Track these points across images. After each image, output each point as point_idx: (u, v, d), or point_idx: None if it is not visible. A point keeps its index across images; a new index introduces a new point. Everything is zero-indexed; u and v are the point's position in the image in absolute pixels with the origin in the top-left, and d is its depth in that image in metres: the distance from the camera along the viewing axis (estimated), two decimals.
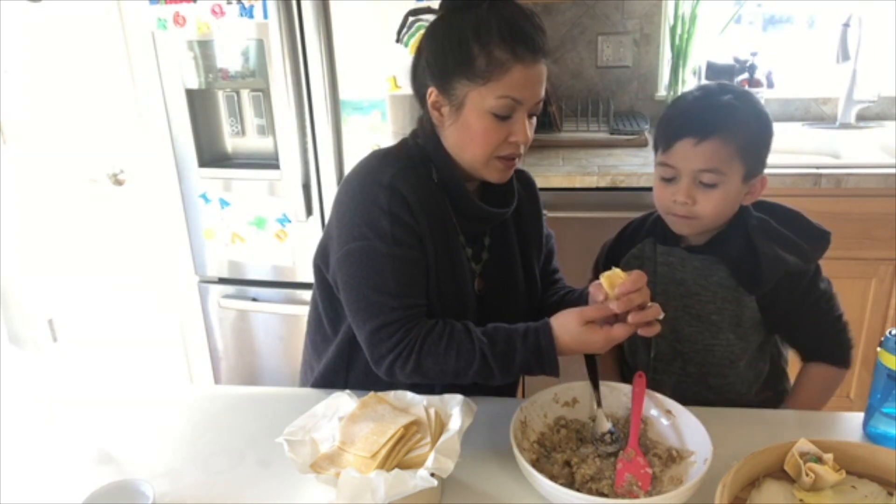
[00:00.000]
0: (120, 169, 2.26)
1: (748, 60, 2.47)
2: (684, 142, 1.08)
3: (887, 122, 2.49)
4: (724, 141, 1.07)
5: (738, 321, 1.17)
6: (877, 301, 2.06)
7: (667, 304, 1.14)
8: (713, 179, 1.08)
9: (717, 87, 1.14)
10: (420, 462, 0.88)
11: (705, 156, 1.07)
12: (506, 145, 1.08)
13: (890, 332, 0.98)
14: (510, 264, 1.23)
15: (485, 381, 1.06)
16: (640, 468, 0.94)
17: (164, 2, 1.93)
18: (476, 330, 1.06)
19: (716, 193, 1.09)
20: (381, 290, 1.07)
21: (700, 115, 1.10)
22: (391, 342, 1.06)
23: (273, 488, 0.98)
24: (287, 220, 2.09)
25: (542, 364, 1.03)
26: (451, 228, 1.14)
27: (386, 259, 1.07)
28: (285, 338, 2.22)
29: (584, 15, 2.59)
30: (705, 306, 1.18)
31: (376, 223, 1.07)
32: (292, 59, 1.90)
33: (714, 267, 1.17)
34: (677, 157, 1.10)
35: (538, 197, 1.31)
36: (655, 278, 1.20)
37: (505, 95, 1.03)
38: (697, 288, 1.18)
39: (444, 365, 1.05)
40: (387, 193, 1.07)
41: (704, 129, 1.07)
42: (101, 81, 2.23)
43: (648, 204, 2.10)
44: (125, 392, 1.25)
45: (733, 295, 1.16)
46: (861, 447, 0.95)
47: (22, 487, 1.01)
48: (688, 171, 1.09)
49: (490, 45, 1.01)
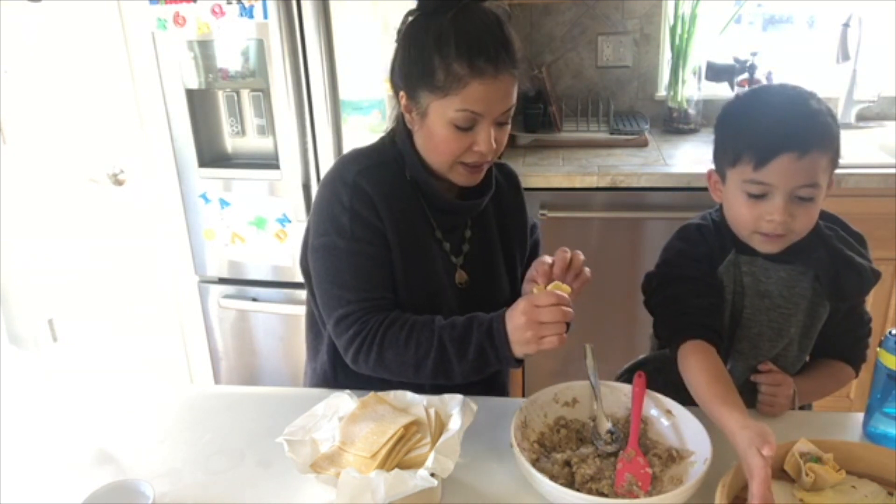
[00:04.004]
0: (120, 169, 2.25)
1: (748, 60, 2.47)
2: (785, 157, 0.98)
3: (887, 122, 2.49)
4: (822, 152, 0.99)
5: (807, 332, 1.13)
6: (877, 301, 2.06)
7: (753, 319, 1.12)
8: (811, 193, 1.00)
9: (794, 92, 1.04)
10: (420, 462, 0.88)
11: (807, 171, 0.99)
12: (469, 153, 1.08)
13: (890, 332, 0.98)
14: (492, 255, 1.24)
15: (445, 374, 1.05)
16: (640, 468, 0.94)
17: (164, 2, 1.93)
18: (440, 319, 1.07)
19: (812, 207, 1.02)
20: (339, 285, 1.11)
21: (798, 126, 1.00)
22: (350, 333, 1.09)
23: (273, 488, 0.98)
24: (287, 220, 2.09)
25: (494, 347, 1.02)
26: (425, 224, 1.16)
27: (344, 254, 1.11)
28: (285, 338, 2.22)
29: (584, 15, 2.59)
30: (788, 319, 1.11)
31: (338, 220, 1.11)
32: (292, 59, 1.90)
33: (798, 277, 1.10)
34: (775, 174, 0.99)
35: (520, 188, 1.31)
36: (744, 290, 1.11)
37: (464, 109, 1.03)
38: (781, 300, 1.10)
39: (404, 356, 1.06)
40: (349, 191, 1.11)
41: (806, 142, 0.98)
42: (101, 81, 2.23)
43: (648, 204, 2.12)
44: (125, 392, 1.25)
45: (810, 305, 1.11)
46: (861, 447, 0.95)
47: (22, 487, 1.01)
48: (786, 188, 1.00)
49: (449, 58, 1.02)
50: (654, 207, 2.11)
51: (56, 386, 1.26)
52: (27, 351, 2.11)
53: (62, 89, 2.13)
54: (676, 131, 2.52)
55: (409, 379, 1.07)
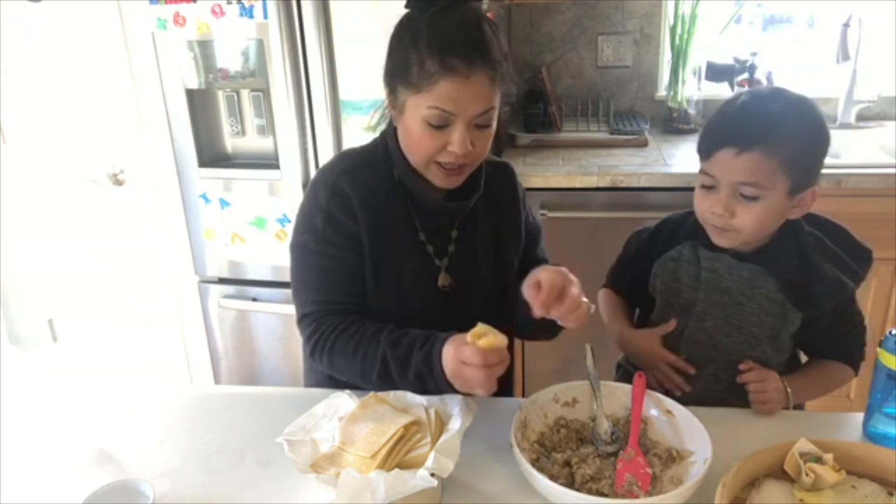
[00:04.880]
0: (120, 169, 2.25)
1: (748, 60, 2.47)
2: (724, 151, 1.02)
3: (887, 122, 2.49)
4: (766, 154, 1.00)
5: (777, 334, 1.14)
6: (877, 301, 2.05)
7: (708, 313, 1.15)
8: (754, 193, 1.02)
9: (768, 94, 1.07)
10: (420, 462, 0.88)
11: (746, 168, 1.01)
12: (444, 153, 1.07)
13: (890, 332, 0.98)
14: (479, 256, 1.23)
15: (390, 386, 1.05)
16: (640, 468, 0.94)
17: (164, 2, 1.93)
18: (389, 333, 1.07)
19: (756, 207, 1.03)
20: (305, 284, 1.16)
21: (743, 123, 1.03)
22: (307, 332, 1.14)
23: (273, 488, 0.98)
24: (287, 220, 2.09)
25: (432, 374, 1.01)
26: (407, 226, 1.16)
27: (314, 255, 1.14)
28: (285, 338, 2.22)
29: (584, 15, 2.59)
30: (748, 318, 1.14)
31: (313, 221, 1.14)
32: (292, 59, 1.90)
33: (763, 279, 1.12)
34: (716, 166, 1.04)
35: (517, 186, 1.29)
36: (698, 284, 1.16)
37: (434, 106, 1.03)
38: (742, 298, 1.13)
39: (352, 364, 1.09)
40: (327, 193, 1.13)
41: (746, 139, 1.01)
42: (101, 81, 2.23)
43: (648, 204, 2.12)
44: (125, 392, 1.25)
45: (779, 309, 1.12)
46: (861, 447, 0.95)
47: (22, 487, 1.01)
48: (727, 182, 1.03)
49: (422, 55, 1.02)
50: (654, 207, 2.11)
51: (56, 386, 1.26)
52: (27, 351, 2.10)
53: (62, 89, 2.13)
54: (676, 131, 2.52)
55: (359, 384, 1.10)
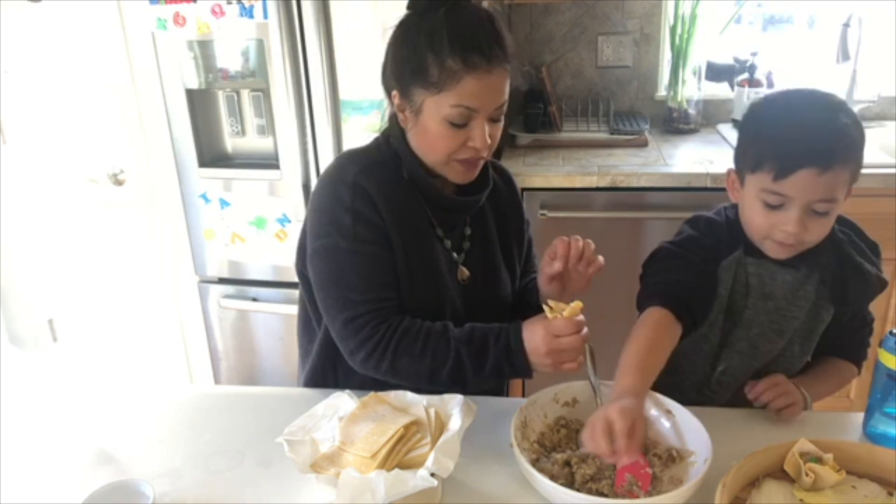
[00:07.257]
0: (120, 169, 2.25)
1: (748, 60, 2.47)
2: (805, 172, 0.97)
3: (887, 122, 2.49)
4: (843, 169, 0.98)
5: (808, 334, 1.13)
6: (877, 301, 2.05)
7: (754, 320, 1.13)
8: (827, 208, 1.00)
9: (826, 104, 1.01)
10: (420, 462, 0.88)
11: (826, 186, 0.98)
12: (464, 149, 1.09)
13: (890, 332, 0.98)
14: (492, 252, 1.25)
15: (457, 383, 1.06)
16: (640, 468, 0.94)
17: (164, 2, 1.93)
18: (454, 330, 1.08)
19: (827, 221, 1.02)
20: (345, 286, 1.10)
21: (825, 143, 0.97)
22: (360, 337, 1.08)
23: (273, 488, 0.98)
24: (287, 220, 2.09)
25: (512, 364, 1.04)
26: (425, 222, 1.16)
27: (348, 255, 1.10)
28: (285, 338, 2.22)
29: (584, 15, 2.59)
30: (789, 322, 1.11)
31: (339, 220, 1.10)
32: (292, 59, 1.90)
33: (803, 280, 1.10)
34: (793, 187, 0.98)
35: (515, 187, 1.32)
36: (748, 291, 1.11)
37: (458, 104, 1.04)
38: (785, 303, 1.11)
39: (419, 366, 1.07)
40: (350, 191, 1.10)
41: (827, 159, 0.96)
42: (100, 81, 2.23)
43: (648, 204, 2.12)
44: (125, 392, 1.25)
45: (814, 308, 1.11)
46: (861, 447, 0.95)
47: (22, 487, 1.01)
48: (804, 201, 0.99)
49: (442, 54, 1.02)
50: (654, 207, 2.11)
51: (56, 386, 1.26)
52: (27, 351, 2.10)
53: (62, 89, 2.13)
54: (676, 131, 2.52)
55: (418, 386, 1.07)
